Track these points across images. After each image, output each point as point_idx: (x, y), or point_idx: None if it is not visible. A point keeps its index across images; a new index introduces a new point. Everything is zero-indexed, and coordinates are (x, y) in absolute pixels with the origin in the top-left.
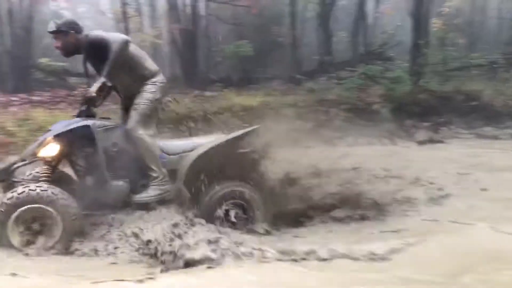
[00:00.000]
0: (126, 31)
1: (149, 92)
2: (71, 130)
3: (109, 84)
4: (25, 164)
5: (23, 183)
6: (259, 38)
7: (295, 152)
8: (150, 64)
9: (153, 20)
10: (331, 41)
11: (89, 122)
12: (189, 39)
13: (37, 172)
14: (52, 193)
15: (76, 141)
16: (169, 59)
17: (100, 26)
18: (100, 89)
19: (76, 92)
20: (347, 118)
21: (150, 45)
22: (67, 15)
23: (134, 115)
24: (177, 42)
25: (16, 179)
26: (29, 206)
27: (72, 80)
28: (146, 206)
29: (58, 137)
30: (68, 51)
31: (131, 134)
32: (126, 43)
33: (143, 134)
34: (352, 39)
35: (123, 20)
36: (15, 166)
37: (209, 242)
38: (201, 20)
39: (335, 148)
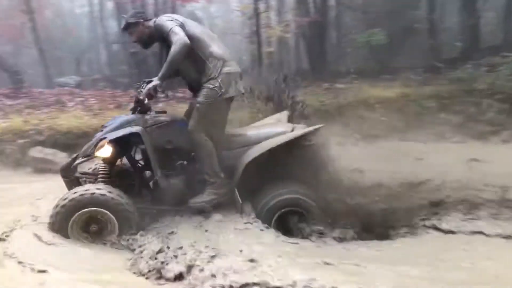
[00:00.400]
0: (257, 28)
1: (211, 88)
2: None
3: (159, 89)
4: (85, 161)
5: (84, 178)
6: (392, 25)
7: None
8: (216, 49)
9: (281, 14)
10: (477, 24)
11: (138, 128)
12: (318, 30)
13: (95, 168)
14: (110, 196)
15: (130, 141)
16: (296, 52)
17: (229, 24)
18: (154, 91)
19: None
20: (503, 110)
21: (277, 39)
22: (200, 15)
23: (195, 116)
24: (305, 35)
25: (78, 175)
26: (87, 209)
27: None
28: (200, 210)
29: (111, 140)
30: (144, 41)
31: (191, 136)
32: (185, 47)
33: (203, 136)
34: (504, 20)
35: (253, 17)
36: (77, 162)
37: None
38: (330, 11)
39: (488, 144)
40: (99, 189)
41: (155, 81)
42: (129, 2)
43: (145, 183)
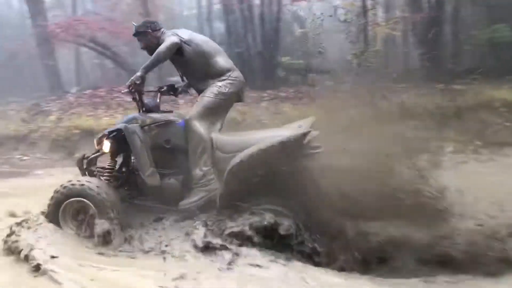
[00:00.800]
0: (365, 25)
1: (215, 86)
2: (117, 129)
3: (137, 81)
4: (97, 155)
5: (95, 172)
6: None
7: None
8: (222, 61)
9: (389, 11)
10: None
11: (121, 125)
12: (431, 27)
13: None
14: (91, 187)
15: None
16: (405, 50)
17: (333, 23)
18: (135, 84)
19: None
20: None
21: (385, 37)
22: (303, 14)
23: (195, 107)
24: (416, 32)
25: (92, 168)
26: (73, 199)
27: (312, 76)
28: (190, 212)
29: (109, 136)
30: (152, 49)
31: (187, 124)
32: (172, 45)
33: (199, 126)
34: None
35: (359, 15)
36: (89, 156)
37: None
38: (446, 5)
39: None
40: (88, 181)
41: (137, 73)
42: (236, 4)
43: (142, 182)
